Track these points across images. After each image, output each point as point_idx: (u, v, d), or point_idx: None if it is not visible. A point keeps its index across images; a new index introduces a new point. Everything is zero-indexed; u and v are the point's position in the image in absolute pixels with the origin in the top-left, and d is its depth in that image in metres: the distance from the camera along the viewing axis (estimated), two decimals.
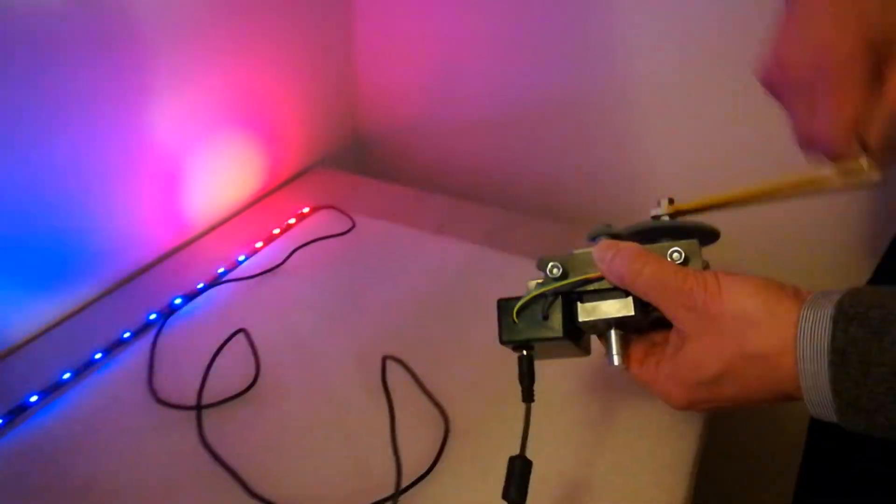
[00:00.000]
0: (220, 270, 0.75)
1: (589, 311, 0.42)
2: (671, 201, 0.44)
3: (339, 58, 1.03)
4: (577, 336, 0.43)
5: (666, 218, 0.44)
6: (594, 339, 0.46)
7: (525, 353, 0.43)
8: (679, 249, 0.40)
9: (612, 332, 0.42)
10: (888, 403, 0.31)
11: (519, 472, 0.40)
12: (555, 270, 0.42)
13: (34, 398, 0.58)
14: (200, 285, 0.72)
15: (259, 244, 0.81)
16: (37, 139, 0.61)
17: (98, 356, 0.63)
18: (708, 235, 0.43)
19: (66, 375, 0.61)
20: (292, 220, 0.86)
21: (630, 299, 0.40)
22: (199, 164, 0.81)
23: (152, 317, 0.68)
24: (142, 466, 0.53)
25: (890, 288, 0.33)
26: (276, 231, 0.83)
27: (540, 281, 0.43)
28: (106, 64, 0.66)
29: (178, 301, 0.70)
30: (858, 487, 0.59)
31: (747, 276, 0.37)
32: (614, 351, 0.42)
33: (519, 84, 0.95)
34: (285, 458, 0.54)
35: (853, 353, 0.31)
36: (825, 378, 0.32)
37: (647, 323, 0.42)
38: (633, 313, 0.40)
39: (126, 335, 0.65)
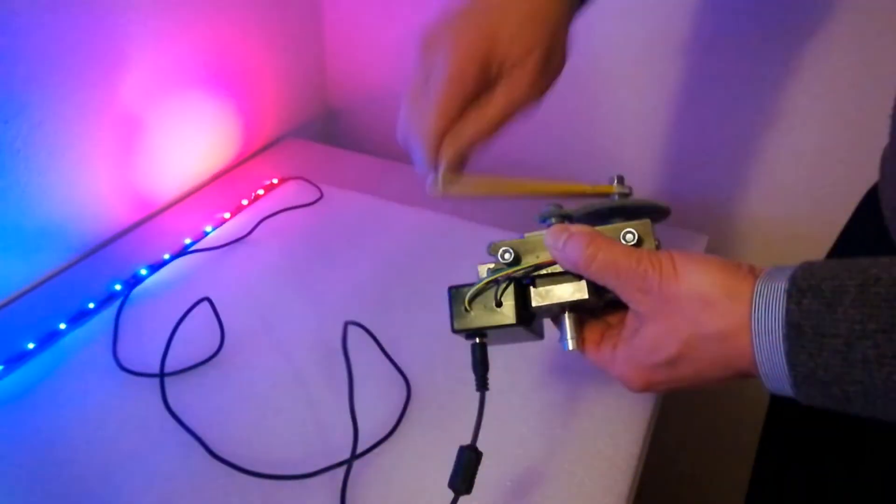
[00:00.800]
0: (187, 241, 0.75)
1: (542, 296, 0.41)
2: (620, 179, 0.43)
3: (311, 28, 1.02)
4: (530, 321, 0.42)
5: (616, 197, 0.43)
6: (548, 322, 0.45)
7: (478, 341, 0.42)
8: (632, 230, 0.39)
9: (566, 316, 0.42)
10: (843, 375, 0.30)
11: (467, 462, 0.39)
12: (506, 255, 0.41)
13: None
14: (166, 256, 0.73)
15: (226, 215, 0.81)
16: None
17: (63, 326, 0.63)
18: (659, 213, 0.42)
19: (31, 345, 0.61)
20: (261, 191, 0.86)
21: (584, 282, 0.40)
22: (168, 134, 0.80)
23: (117, 287, 0.68)
24: (106, 433, 0.54)
25: (842, 260, 0.32)
26: (245, 202, 0.83)
27: (491, 266, 0.42)
28: (69, 22, 0.64)
29: (143, 272, 0.70)
30: (815, 472, 0.60)
31: (702, 256, 0.36)
32: (568, 335, 0.41)
33: None
34: (248, 423, 0.55)
35: (807, 325, 0.31)
36: (781, 352, 0.32)
37: (601, 304, 0.42)
38: (587, 296, 0.40)
39: (90, 305, 0.66)
